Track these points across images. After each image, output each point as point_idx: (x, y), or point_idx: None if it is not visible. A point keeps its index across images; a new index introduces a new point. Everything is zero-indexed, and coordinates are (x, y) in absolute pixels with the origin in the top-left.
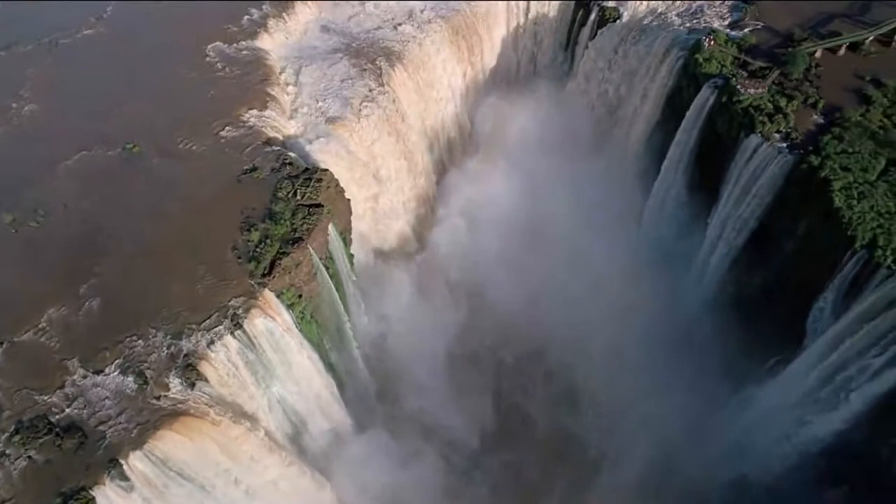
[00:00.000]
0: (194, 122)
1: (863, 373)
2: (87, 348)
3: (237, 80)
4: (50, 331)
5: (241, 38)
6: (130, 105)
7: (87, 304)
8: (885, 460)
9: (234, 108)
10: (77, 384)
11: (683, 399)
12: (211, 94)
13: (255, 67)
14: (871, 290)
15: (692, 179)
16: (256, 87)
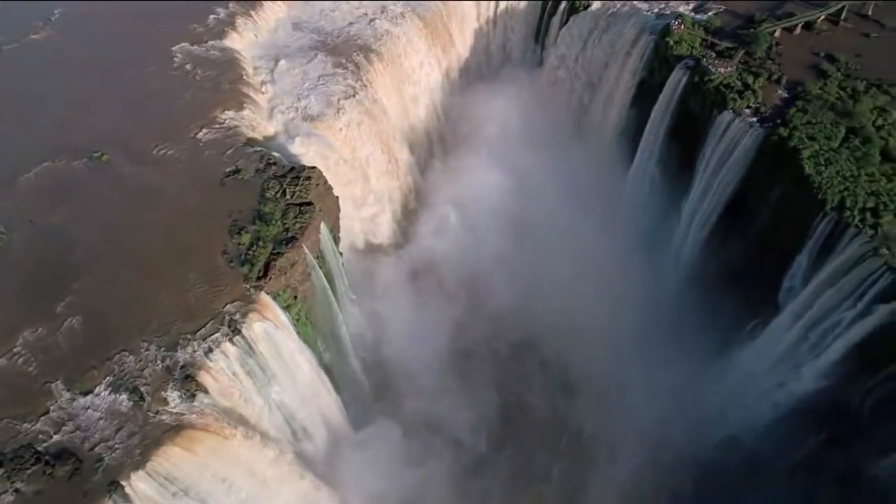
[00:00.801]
0: (167, 127)
1: (836, 327)
2: (72, 369)
3: (209, 81)
4: (26, 354)
5: (209, 38)
6: (93, 112)
7: (67, 323)
8: (857, 406)
9: (208, 109)
10: (64, 408)
11: (671, 371)
12: (183, 97)
13: (227, 67)
14: (841, 248)
15: (668, 158)
16: (230, 87)
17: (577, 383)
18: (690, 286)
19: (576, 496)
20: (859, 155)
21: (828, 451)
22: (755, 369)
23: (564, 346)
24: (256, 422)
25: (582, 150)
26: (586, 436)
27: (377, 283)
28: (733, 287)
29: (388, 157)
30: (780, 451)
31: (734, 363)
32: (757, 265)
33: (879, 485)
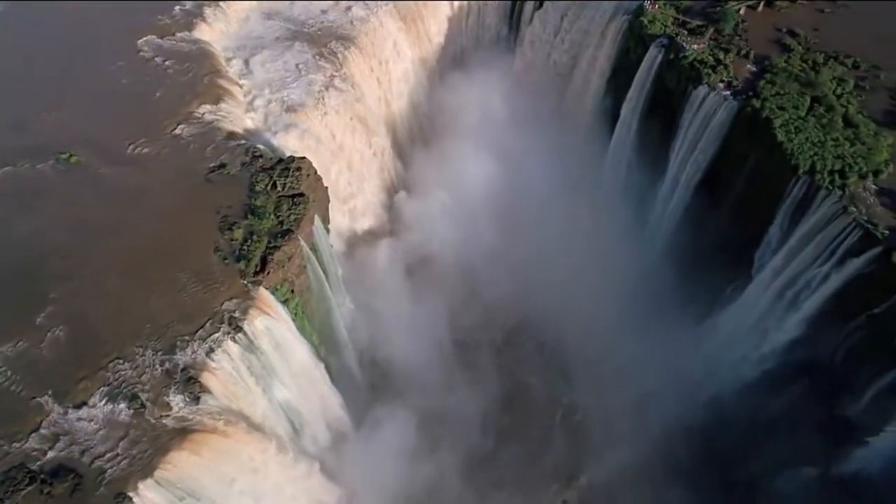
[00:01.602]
0: (142, 124)
1: (810, 283)
2: (61, 382)
3: (182, 74)
4: (7, 371)
5: (177, 30)
6: (55, 112)
7: (50, 335)
8: (831, 356)
9: (184, 104)
10: (57, 423)
11: (657, 341)
12: (155, 92)
13: (200, 60)
14: (813, 209)
15: (645, 134)
16: (205, 80)
17: (567, 361)
18: (671, 258)
19: (574, 469)
20: (825, 122)
21: (805, 400)
22: (735, 331)
23: (554, 324)
24: (261, 420)
25: (561, 132)
26: (581, 411)
27: (366, 274)
28: (712, 255)
29: (371, 146)
30: (761, 405)
31: (716, 327)
32: (734, 232)
33: (852, 426)
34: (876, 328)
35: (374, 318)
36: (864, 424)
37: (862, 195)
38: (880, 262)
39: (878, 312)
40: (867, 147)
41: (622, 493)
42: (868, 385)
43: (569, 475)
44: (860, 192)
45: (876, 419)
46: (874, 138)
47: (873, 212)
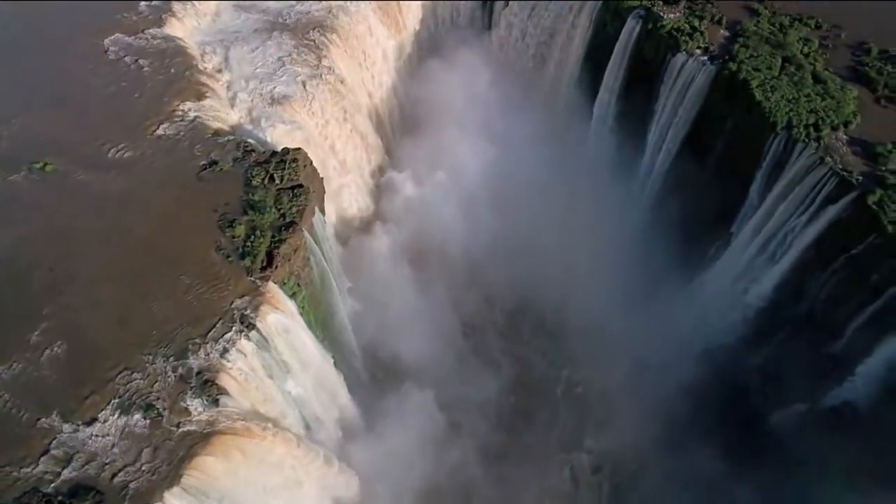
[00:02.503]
0: (120, 126)
1: (791, 233)
2: (67, 400)
3: (157, 73)
4: (5, 395)
5: (146, 27)
6: (21, 119)
7: (48, 353)
8: (813, 300)
9: (164, 103)
10: (67, 442)
11: (649, 305)
12: (130, 92)
13: (174, 57)
14: (791, 163)
15: (626, 105)
16: (183, 77)
17: (567, 336)
18: (658, 224)
19: (579, 437)
20: (796, 80)
21: (791, 343)
22: (722, 286)
23: (552, 301)
24: (277, 417)
25: (542, 109)
26: (582, 383)
27: (361, 261)
28: (697, 217)
29: (359, 135)
30: (751, 353)
31: (703, 286)
32: (716, 193)
33: (836, 362)
34: (854, 268)
35: (373, 306)
36: (846, 360)
37: (835, 145)
38: (856, 205)
39: (856, 253)
40: (836, 101)
41: (626, 453)
42: (848, 322)
43: (574, 443)
44: (833, 142)
45: (857, 354)
46: (841, 92)
47: (847, 160)
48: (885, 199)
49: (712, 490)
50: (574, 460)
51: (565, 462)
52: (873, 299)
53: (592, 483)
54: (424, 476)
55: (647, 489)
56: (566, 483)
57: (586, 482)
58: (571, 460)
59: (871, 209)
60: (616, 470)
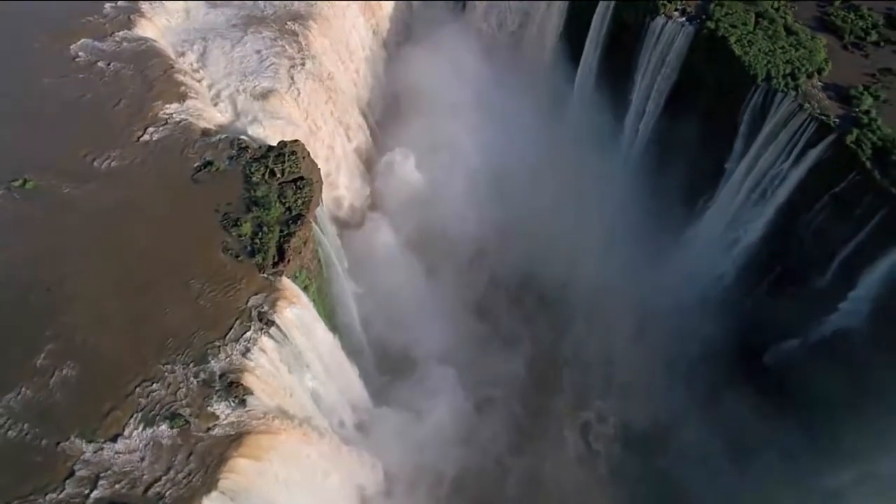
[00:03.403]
0: (101, 135)
1: (775, 181)
2: (85, 420)
3: (134, 76)
4: (16, 423)
5: (115, 30)
6: None
7: (58, 374)
8: (800, 239)
9: (146, 107)
10: (92, 462)
11: (643, 264)
12: (107, 99)
13: (149, 59)
14: (772, 113)
15: (608, 71)
16: (162, 79)
17: (568, 305)
18: (645, 184)
19: (588, 399)
20: (770, 33)
21: (782, 282)
22: (711, 236)
23: (551, 272)
24: (300, 412)
25: (524, 81)
26: (585, 349)
27: (361, 250)
28: (683, 175)
29: (346, 124)
30: (743, 296)
31: (694, 239)
32: (700, 148)
33: (824, 296)
34: (837, 205)
35: (377, 293)
36: (833, 292)
37: (812, 92)
38: (836, 146)
39: (839, 191)
40: (808, 50)
41: (633, 407)
42: (833, 257)
43: (584, 405)
44: (810, 89)
45: (843, 285)
46: (812, 42)
47: (824, 105)
48: (862, 137)
49: (717, 430)
50: (585, 419)
51: (577, 423)
52: (856, 233)
53: (605, 440)
54: (443, 457)
55: (656, 439)
56: (580, 444)
57: (599, 440)
58: (583, 420)
59: (850, 148)
60: (626, 425)
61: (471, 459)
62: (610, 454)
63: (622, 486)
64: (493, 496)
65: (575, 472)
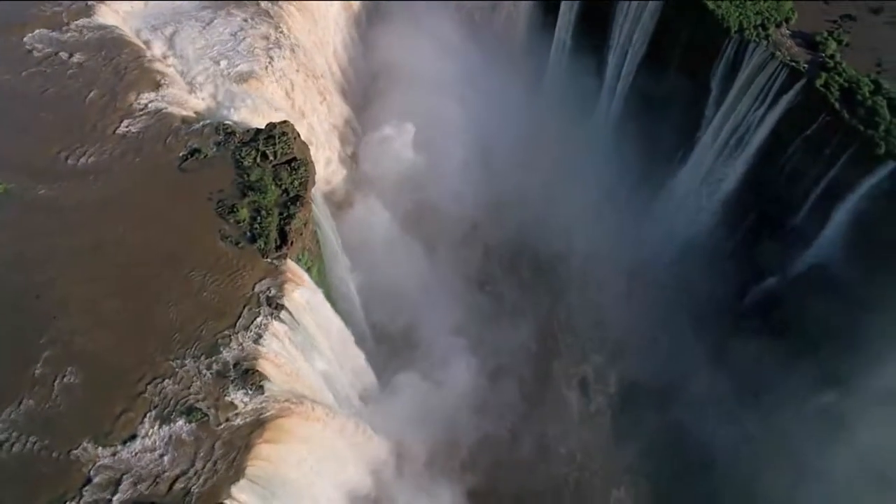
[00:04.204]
0: (73, 131)
1: (750, 128)
2: (96, 424)
3: (101, 66)
4: (21, 436)
5: (72, 19)
6: None
7: (59, 383)
8: (775, 181)
9: (118, 98)
10: (109, 466)
11: (626, 222)
12: (75, 92)
13: (114, 47)
14: (746, 62)
15: (582, 39)
16: (132, 68)
17: (559, 270)
18: (624, 143)
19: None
20: None
21: (759, 226)
22: (690, 187)
23: (542, 239)
24: (313, 394)
25: (500, 53)
26: (576, 311)
27: (353, 230)
28: (659, 130)
29: (327, 103)
30: (723, 243)
31: (672, 191)
32: (676, 104)
33: (799, 233)
34: (809, 147)
35: (372, 272)
36: (808, 229)
37: (782, 41)
38: (806, 90)
39: (810, 133)
40: (776, 0)
41: (627, 362)
42: (807, 196)
43: (581, 360)
44: (780, 38)
45: (817, 221)
46: None
47: (793, 52)
48: (830, 81)
49: (710, 371)
50: (583, 378)
51: (576, 383)
52: (827, 171)
53: (605, 397)
54: (457, 427)
55: (653, 390)
56: (578, 398)
57: (598, 397)
58: (580, 378)
59: (819, 91)
60: (623, 379)
61: (485, 427)
62: (610, 410)
63: (625, 437)
64: (507, 464)
65: (579, 431)
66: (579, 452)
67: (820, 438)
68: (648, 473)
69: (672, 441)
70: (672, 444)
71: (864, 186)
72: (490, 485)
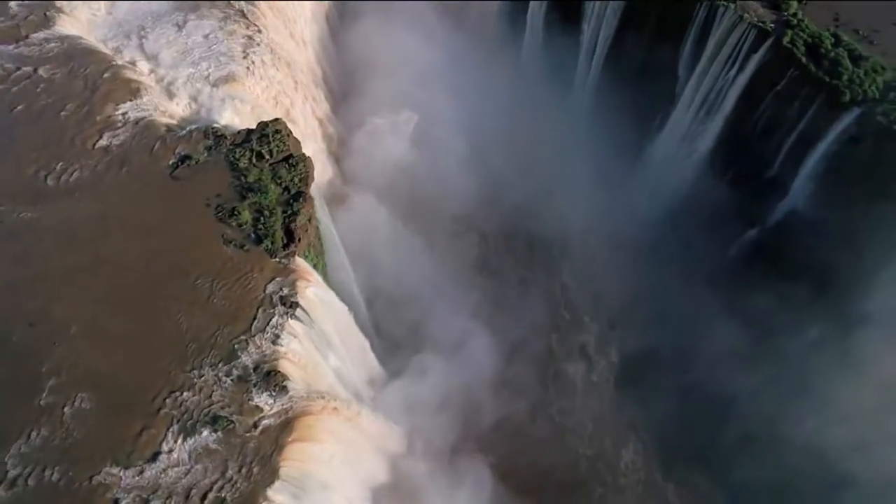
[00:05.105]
0: (52, 147)
1: (723, 89)
2: (116, 446)
3: (70, 80)
4: (37, 468)
5: (30, 31)
6: None
7: (69, 409)
8: (749, 137)
9: (95, 111)
10: (136, 486)
11: (610, 189)
12: (48, 107)
13: (82, 58)
14: (716, 27)
15: (555, 19)
16: (104, 78)
17: (553, 245)
18: (600, 114)
19: (582, 322)
20: None
21: (737, 181)
22: (668, 151)
23: (534, 216)
24: (330, 389)
25: (475, 38)
26: (572, 286)
27: (347, 224)
28: (636, 99)
29: (309, 100)
30: (704, 200)
31: (653, 155)
32: (650, 73)
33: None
34: (780, 101)
35: (371, 265)
36: (782, 178)
37: (748, 4)
38: (774, 48)
39: (780, 88)
40: None
41: (624, 326)
42: (780, 148)
43: (580, 328)
44: (746, 1)
45: (789, 173)
46: None
47: (760, 14)
48: (795, 38)
49: (699, 325)
50: (584, 340)
51: (574, 343)
52: (798, 122)
53: (602, 354)
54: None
55: (651, 348)
56: (580, 364)
57: (596, 354)
58: (580, 343)
59: (787, 48)
60: (621, 340)
61: (499, 405)
62: (612, 376)
63: (635, 402)
64: (524, 439)
65: (585, 401)
66: (590, 422)
67: (829, 366)
68: (664, 432)
69: (687, 398)
70: (687, 401)
71: (832, 133)
72: (510, 462)
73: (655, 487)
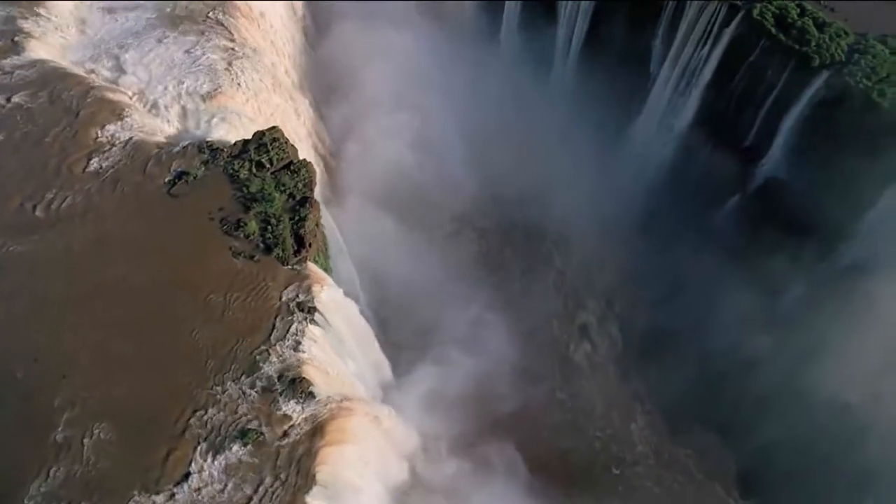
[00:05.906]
0: (37, 175)
1: (699, 65)
2: (143, 472)
3: (49, 105)
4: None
5: (1, 58)
6: None
7: (88, 440)
8: (726, 109)
9: (80, 135)
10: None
11: (594, 168)
12: (29, 136)
13: (59, 81)
14: (688, 8)
15: (531, 12)
16: (86, 102)
17: (547, 231)
18: (579, 100)
19: (579, 299)
20: None
21: (716, 153)
22: (648, 131)
23: (529, 204)
24: (351, 391)
25: (452, 37)
26: (569, 269)
27: (346, 227)
28: (613, 84)
29: (295, 107)
30: (686, 174)
31: (633, 135)
32: (626, 57)
33: (753, 152)
34: (754, 71)
35: (373, 267)
36: (759, 145)
37: None
38: (745, 21)
39: (753, 59)
40: None
41: (620, 298)
42: (756, 115)
43: (579, 306)
44: None
45: (767, 136)
46: None
47: None
48: (764, 10)
49: (693, 293)
50: (585, 320)
51: (574, 323)
52: (771, 90)
53: (604, 332)
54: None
55: (647, 320)
56: (581, 341)
57: (598, 334)
58: (582, 321)
59: (756, 20)
60: (621, 317)
61: (509, 392)
62: (616, 353)
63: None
64: (540, 422)
65: (592, 379)
66: (599, 400)
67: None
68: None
69: (689, 364)
70: (692, 367)
71: (804, 97)
72: (533, 446)
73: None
